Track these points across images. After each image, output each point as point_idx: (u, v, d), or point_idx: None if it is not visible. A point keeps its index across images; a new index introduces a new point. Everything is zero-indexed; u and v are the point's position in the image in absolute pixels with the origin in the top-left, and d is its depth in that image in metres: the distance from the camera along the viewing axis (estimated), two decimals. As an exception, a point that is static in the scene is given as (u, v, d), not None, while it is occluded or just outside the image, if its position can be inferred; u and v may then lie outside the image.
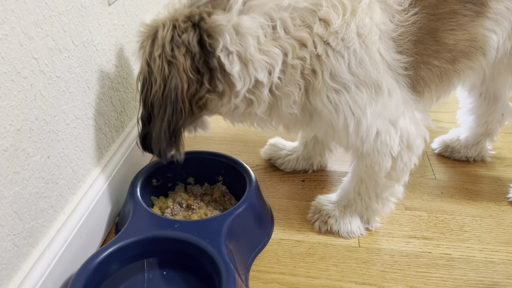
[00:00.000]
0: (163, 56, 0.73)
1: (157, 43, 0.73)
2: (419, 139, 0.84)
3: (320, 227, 0.98)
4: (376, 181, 0.89)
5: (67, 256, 0.79)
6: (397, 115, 0.80)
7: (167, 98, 0.74)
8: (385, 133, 0.80)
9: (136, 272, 0.81)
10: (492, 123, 1.15)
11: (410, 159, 0.86)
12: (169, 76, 0.73)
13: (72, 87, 0.79)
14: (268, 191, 1.11)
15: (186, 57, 0.73)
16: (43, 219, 0.75)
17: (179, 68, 0.72)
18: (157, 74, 0.73)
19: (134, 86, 1.07)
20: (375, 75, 0.76)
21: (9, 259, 0.67)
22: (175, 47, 0.73)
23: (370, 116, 0.78)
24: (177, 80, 0.73)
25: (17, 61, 0.64)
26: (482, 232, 0.99)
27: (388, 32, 0.77)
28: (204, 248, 0.78)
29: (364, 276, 0.88)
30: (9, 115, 0.63)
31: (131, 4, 1.02)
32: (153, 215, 0.86)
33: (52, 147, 0.75)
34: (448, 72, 0.84)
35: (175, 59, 0.73)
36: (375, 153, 0.83)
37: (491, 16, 0.81)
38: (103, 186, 0.91)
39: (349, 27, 0.73)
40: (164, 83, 0.73)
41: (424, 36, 0.78)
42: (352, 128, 0.79)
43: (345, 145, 0.85)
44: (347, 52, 0.74)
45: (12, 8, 0.62)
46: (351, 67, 0.75)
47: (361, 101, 0.77)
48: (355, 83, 0.76)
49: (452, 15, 0.79)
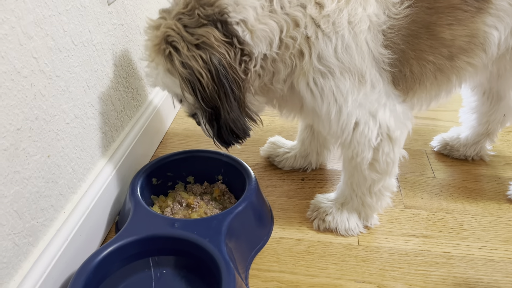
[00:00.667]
0: (190, 48, 0.72)
1: (178, 43, 0.72)
2: (398, 130, 0.84)
3: (319, 225, 0.98)
4: (363, 174, 0.89)
5: (68, 255, 0.79)
6: (377, 107, 0.80)
7: (219, 77, 0.73)
8: (363, 124, 0.81)
9: (136, 271, 0.81)
10: (493, 123, 1.14)
11: (393, 150, 0.85)
12: (208, 57, 0.71)
13: (72, 87, 0.79)
14: (268, 189, 1.11)
15: (209, 28, 0.72)
16: (43, 218, 0.75)
17: (210, 40, 0.71)
18: (198, 66, 0.72)
19: (134, 86, 1.07)
20: (359, 63, 0.77)
21: (10, 258, 0.68)
22: (194, 29, 0.72)
23: (351, 104, 0.79)
24: (216, 53, 0.71)
25: (17, 60, 0.64)
26: (481, 230, 0.99)
27: (378, 24, 0.77)
28: (204, 247, 0.78)
29: (363, 275, 0.88)
30: (9, 115, 0.64)
31: (130, 4, 1.02)
32: (153, 214, 0.86)
33: (52, 146, 0.75)
34: (445, 69, 0.84)
35: (200, 39, 0.71)
36: (355, 143, 0.83)
37: (493, 12, 0.81)
38: (103, 185, 0.91)
39: (341, 13, 0.74)
40: (208, 67, 0.72)
41: (418, 29, 0.78)
42: (334, 115, 0.80)
43: (327, 133, 0.85)
44: (335, 37, 0.75)
45: (11, 8, 0.62)
46: (337, 51, 0.76)
47: (344, 88, 0.78)
48: (339, 69, 0.77)
49: (451, 9, 0.79)
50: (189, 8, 0.73)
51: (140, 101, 1.13)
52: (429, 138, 1.28)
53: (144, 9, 1.10)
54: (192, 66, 0.72)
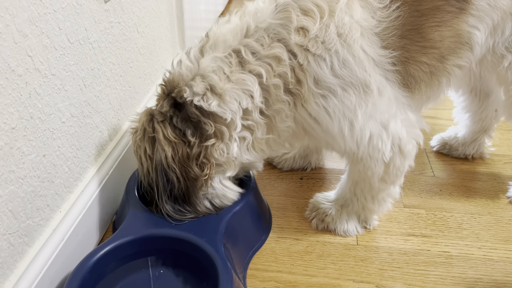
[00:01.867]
0: (144, 137, 0.78)
1: (140, 129, 0.79)
2: (411, 143, 0.83)
3: (317, 225, 0.98)
4: (371, 184, 0.88)
5: (64, 255, 0.79)
6: (388, 117, 0.79)
7: (157, 172, 0.77)
8: (377, 137, 0.79)
9: (133, 271, 0.80)
10: (486, 119, 1.15)
11: (403, 164, 0.85)
12: (151, 152, 0.77)
13: (68, 85, 0.78)
14: (266, 189, 1.10)
15: (164, 124, 0.76)
16: (39, 218, 0.75)
17: (159, 138, 0.76)
18: (142, 156, 0.79)
19: (131, 84, 1.07)
20: (361, 74, 0.75)
21: (5, 258, 0.67)
22: (154, 123, 0.77)
23: (361, 118, 0.77)
24: (160, 151, 0.76)
25: (11, 59, 0.63)
26: (480, 229, 0.99)
27: (370, 28, 0.76)
28: (201, 247, 0.77)
29: (362, 274, 0.88)
30: (3, 114, 0.63)
31: (127, 1, 1.01)
32: (150, 214, 0.85)
33: (48, 146, 0.75)
34: (437, 71, 0.83)
35: (155, 133, 0.76)
36: (367, 158, 0.82)
37: (474, 13, 0.81)
38: (100, 184, 0.91)
39: (329, 29, 0.73)
40: (151, 161, 0.77)
41: (409, 31, 0.78)
42: (347, 131, 0.78)
43: (343, 151, 0.84)
44: (329, 54, 0.73)
45: (6, 6, 0.61)
46: (334, 69, 0.74)
47: (350, 103, 0.76)
48: (341, 86, 0.75)
49: (436, 11, 0.79)
50: (159, 97, 0.80)
51: (138, 99, 1.13)
52: (429, 137, 1.28)
53: (141, 7, 1.09)
54: (140, 154, 0.80)
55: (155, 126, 0.77)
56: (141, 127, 0.80)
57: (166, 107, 0.77)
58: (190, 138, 0.76)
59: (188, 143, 0.76)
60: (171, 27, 1.38)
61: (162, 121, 0.77)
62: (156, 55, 1.25)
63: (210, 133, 0.76)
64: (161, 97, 0.80)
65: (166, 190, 0.79)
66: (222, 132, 0.76)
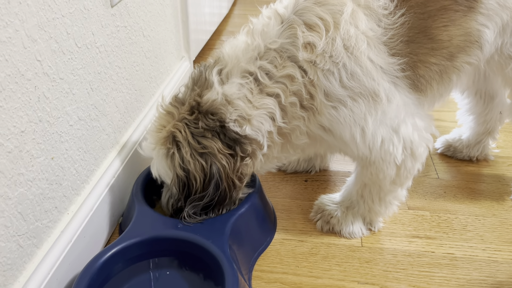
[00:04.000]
0: (194, 153, 0.78)
1: (183, 146, 0.78)
2: (422, 146, 0.84)
3: (322, 227, 0.98)
4: (381, 186, 0.89)
5: (71, 256, 0.80)
6: (398, 122, 0.80)
7: (211, 183, 0.79)
8: (388, 141, 0.80)
9: (140, 272, 0.81)
10: (491, 121, 1.15)
11: (414, 166, 0.86)
12: (208, 166, 0.78)
13: (75, 89, 0.79)
14: (271, 191, 1.11)
15: (214, 139, 0.78)
16: (47, 219, 0.76)
17: (214, 152, 0.77)
18: (195, 172, 0.78)
19: (137, 87, 1.08)
20: (369, 84, 0.76)
21: (14, 260, 0.68)
22: (200, 138, 0.78)
23: (372, 125, 0.78)
24: (217, 164, 0.77)
25: (21, 63, 0.64)
26: (485, 231, 0.99)
27: (377, 37, 0.77)
28: (207, 248, 0.78)
29: (366, 276, 0.88)
30: (13, 117, 0.64)
31: (133, 6, 1.02)
32: (156, 215, 0.86)
33: (56, 149, 0.76)
34: (447, 69, 0.84)
35: (205, 148, 0.77)
36: (380, 161, 0.83)
37: (483, 11, 0.81)
38: (106, 186, 0.92)
39: (335, 42, 0.74)
40: (204, 174, 0.78)
41: (416, 35, 0.78)
42: (359, 137, 0.80)
43: (356, 156, 0.86)
44: (337, 68, 0.75)
45: (15, 11, 0.62)
46: (343, 81, 0.75)
47: (360, 111, 0.77)
48: (350, 96, 0.76)
49: (444, 11, 0.79)
50: (194, 117, 0.79)
51: (144, 102, 1.14)
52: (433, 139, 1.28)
53: (147, 11, 1.11)
54: (190, 170, 0.78)
55: (205, 143, 0.77)
56: (185, 143, 0.78)
57: (211, 124, 0.78)
58: (240, 153, 0.79)
59: (235, 157, 0.79)
60: (176, 31, 1.39)
61: (211, 137, 0.78)
62: (162, 59, 1.26)
63: (249, 152, 0.80)
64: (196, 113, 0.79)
65: (212, 200, 0.81)
66: (255, 152, 0.81)
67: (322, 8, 0.76)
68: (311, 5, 0.76)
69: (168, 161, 0.81)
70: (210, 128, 0.78)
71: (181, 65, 1.45)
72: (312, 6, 0.76)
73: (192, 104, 0.80)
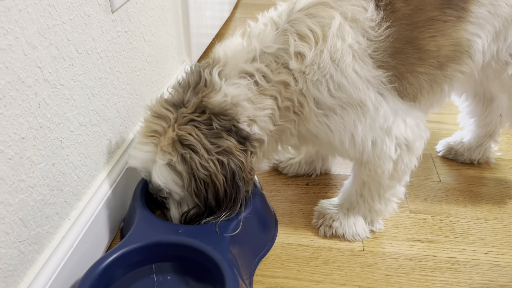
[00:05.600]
0: (212, 153, 0.77)
1: (199, 148, 0.77)
2: (418, 141, 0.85)
3: (326, 232, 0.98)
4: (380, 182, 0.90)
5: (73, 262, 0.80)
6: (388, 125, 0.82)
7: (234, 179, 0.79)
8: (380, 142, 0.83)
9: (141, 278, 0.81)
10: (491, 124, 1.15)
11: (411, 160, 0.87)
12: (227, 163, 0.77)
13: (76, 95, 0.80)
14: (272, 195, 1.11)
15: (230, 138, 0.78)
16: (48, 225, 0.76)
17: (232, 150, 0.78)
18: (217, 171, 0.77)
19: (138, 92, 1.08)
20: (356, 95, 0.78)
21: (15, 266, 0.68)
22: (214, 139, 0.77)
23: (361, 131, 0.81)
24: (235, 160, 0.78)
25: (21, 70, 0.65)
26: (487, 235, 0.98)
27: (363, 50, 0.78)
28: (208, 253, 0.78)
29: (368, 280, 0.88)
30: (13, 124, 0.64)
31: (134, 11, 1.02)
32: (157, 221, 0.86)
33: (57, 155, 0.76)
34: (438, 78, 0.84)
35: (221, 147, 0.77)
36: (375, 159, 0.85)
37: (474, 21, 0.81)
38: (107, 192, 0.92)
39: (323, 54, 0.76)
40: (225, 171, 0.78)
41: (403, 46, 0.79)
42: (348, 143, 0.82)
43: (346, 157, 0.89)
44: (325, 79, 0.77)
45: (15, 19, 0.62)
46: (331, 91, 0.78)
47: (349, 119, 0.80)
48: (339, 105, 0.79)
49: (431, 22, 0.79)
50: (204, 118, 0.78)
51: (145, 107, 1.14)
52: (435, 141, 1.28)
53: (147, 16, 1.11)
54: (212, 170, 0.77)
55: (220, 143, 0.77)
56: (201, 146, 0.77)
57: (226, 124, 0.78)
58: (250, 147, 0.80)
59: (247, 152, 0.80)
60: (177, 35, 1.39)
61: (226, 136, 0.78)
62: (163, 63, 1.26)
63: (256, 148, 0.81)
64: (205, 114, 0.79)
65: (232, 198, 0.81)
66: (258, 148, 0.83)
67: (313, 20, 0.78)
68: (302, 17, 0.79)
69: (181, 166, 0.77)
70: (226, 128, 0.78)
71: (182, 69, 1.45)
72: (304, 17, 0.78)
73: (198, 105, 0.78)
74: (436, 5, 0.79)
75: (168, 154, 0.78)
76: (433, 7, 0.79)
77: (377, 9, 0.78)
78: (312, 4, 0.79)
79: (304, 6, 0.80)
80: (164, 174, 0.79)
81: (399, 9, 0.79)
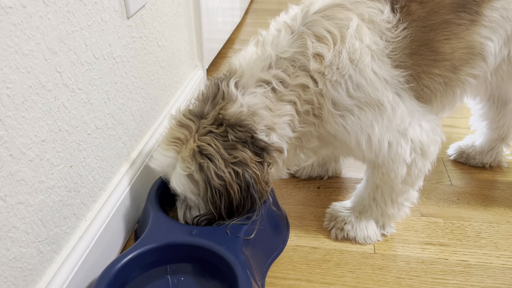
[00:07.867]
0: (228, 164, 0.78)
1: (216, 158, 0.78)
2: (433, 145, 0.86)
3: (337, 235, 0.99)
4: (392, 187, 0.90)
5: (89, 262, 0.81)
6: (405, 127, 0.82)
7: (248, 190, 0.80)
8: (396, 144, 0.83)
9: (155, 278, 0.83)
10: (504, 127, 1.14)
11: (425, 165, 0.87)
12: (242, 173, 0.79)
13: (93, 99, 0.82)
14: (284, 197, 1.12)
15: (245, 150, 0.79)
16: (66, 226, 0.78)
17: (247, 161, 0.79)
18: (232, 180, 0.78)
19: (152, 96, 1.10)
20: (374, 95, 0.78)
21: (34, 265, 0.70)
22: (231, 150, 0.79)
23: (378, 132, 0.81)
24: (249, 171, 0.79)
25: (42, 75, 0.67)
26: (499, 238, 0.98)
27: (381, 50, 0.79)
28: (221, 254, 0.79)
29: (379, 283, 0.88)
30: (34, 127, 0.66)
31: (148, 17, 1.05)
32: (171, 222, 0.88)
33: (75, 157, 0.78)
34: (451, 81, 0.85)
35: (237, 158, 0.78)
36: (389, 162, 0.85)
37: (487, 24, 0.82)
38: (122, 193, 0.94)
39: (341, 55, 0.77)
40: (240, 181, 0.79)
41: (418, 47, 0.80)
42: (364, 144, 0.82)
43: (362, 159, 0.89)
44: (343, 79, 0.78)
45: (37, 25, 0.65)
46: (349, 92, 0.78)
47: (367, 119, 0.80)
48: (357, 105, 0.79)
49: (446, 25, 0.80)
50: (221, 130, 0.79)
51: (158, 111, 1.16)
52: (446, 145, 1.28)
53: (161, 21, 1.13)
54: (226, 180, 0.78)
55: (236, 154, 0.78)
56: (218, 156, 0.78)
57: (242, 136, 0.79)
58: (267, 160, 0.81)
59: (263, 164, 0.81)
60: (190, 40, 1.42)
61: (242, 148, 0.79)
62: (176, 68, 1.28)
63: (274, 158, 0.82)
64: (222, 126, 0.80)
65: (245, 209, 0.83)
66: (277, 157, 0.83)
67: (330, 22, 0.78)
68: (319, 19, 0.79)
69: (198, 175, 0.79)
70: (241, 139, 0.79)
71: (194, 73, 1.47)
72: (321, 19, 0.79)
73: (216, 117, 0.80)
74: (451, 8, 0.80)
75: (188, 164, 0.80)
76: (448, 10, 0.80)
77: (393, 11, 0.79)
78: (329, 6, 0.80)
79: (320, 8, 0.80)
80: (183, 182, 0.82)
81: (415, 12, 0.79)
